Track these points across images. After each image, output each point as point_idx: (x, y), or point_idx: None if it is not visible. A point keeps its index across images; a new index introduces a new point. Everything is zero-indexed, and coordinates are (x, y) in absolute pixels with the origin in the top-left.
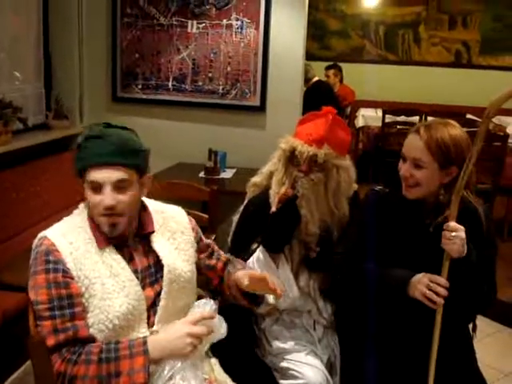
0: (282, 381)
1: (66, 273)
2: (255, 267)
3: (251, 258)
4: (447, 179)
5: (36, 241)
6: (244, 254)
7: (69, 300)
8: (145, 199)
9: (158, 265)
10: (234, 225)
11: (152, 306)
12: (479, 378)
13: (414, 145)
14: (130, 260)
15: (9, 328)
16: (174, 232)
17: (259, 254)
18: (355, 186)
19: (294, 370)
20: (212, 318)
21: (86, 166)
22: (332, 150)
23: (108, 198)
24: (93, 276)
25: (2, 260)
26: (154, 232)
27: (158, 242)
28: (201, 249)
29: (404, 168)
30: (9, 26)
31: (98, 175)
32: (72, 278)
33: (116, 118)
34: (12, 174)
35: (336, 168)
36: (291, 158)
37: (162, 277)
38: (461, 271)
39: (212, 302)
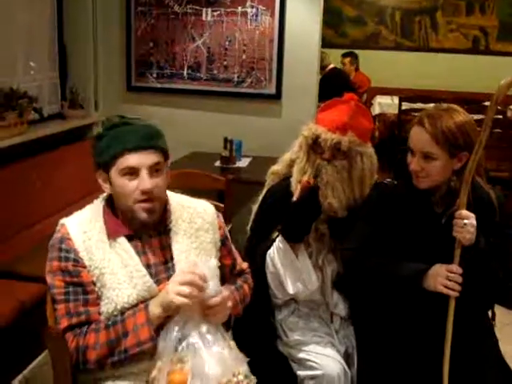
0: (299, 371)
1: (77, 262)
2: (275, 257)
3: (272, 248)
4: (459, 165)
5: (57, 227)
6: (264, 242)
7: (82, 287)
8: (171, 193)
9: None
10: (253, 213)
11: None
12: (503, 366)
13: (420, 138)
14: (142, 254)
15: (26, 318)
16: (197, 229)
17: (278, 243)
18: (376, 177)
19: (311, 360)
20: (203, 279)
21: (118, 152)
22: (356, 137)
23: (146, 181)
24: (103, 266)
25: (17, 251)
26: (169, 227)
27: (178, 241)
28: (221, 250)
29: (414, 162)
30: (23, 16)
31: (133, 160)
32: (84, 267)
33: (131, 107)
34: (27, 165)
35: (360, 155)
36: (314, 145)
37: None
38: (472, 258)
39: (211, 260)
